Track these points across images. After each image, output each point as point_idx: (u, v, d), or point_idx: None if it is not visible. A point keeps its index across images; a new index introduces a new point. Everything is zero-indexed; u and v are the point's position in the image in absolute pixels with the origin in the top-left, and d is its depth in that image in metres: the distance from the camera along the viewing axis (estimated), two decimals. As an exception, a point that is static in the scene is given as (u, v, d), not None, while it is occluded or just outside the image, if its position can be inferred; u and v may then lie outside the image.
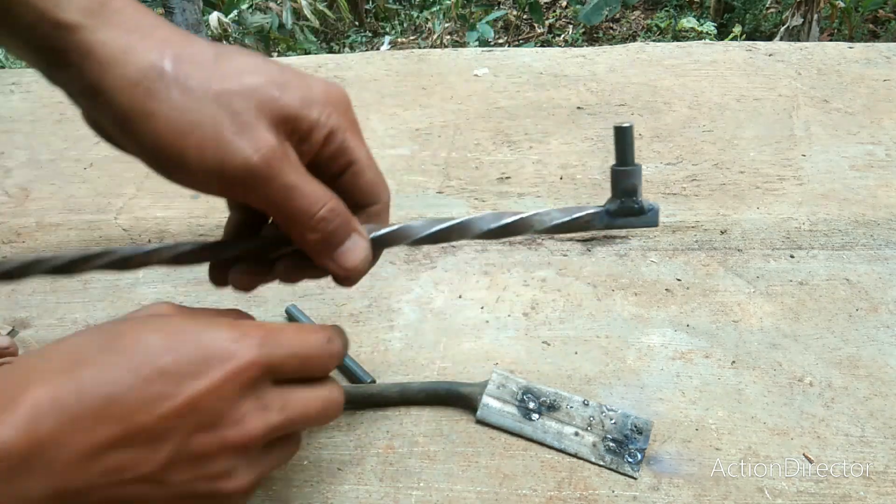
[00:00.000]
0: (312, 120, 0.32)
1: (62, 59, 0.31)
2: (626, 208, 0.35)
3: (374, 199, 0.36)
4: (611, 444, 0.42)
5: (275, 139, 0.31)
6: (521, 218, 0.35)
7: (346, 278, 0.35)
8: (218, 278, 0.38)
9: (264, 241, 0.36)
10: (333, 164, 0.34)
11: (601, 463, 0.41)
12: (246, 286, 0.37)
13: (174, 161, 0.31)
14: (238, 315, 0.35)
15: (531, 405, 0.43)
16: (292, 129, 0.32)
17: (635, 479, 0.40)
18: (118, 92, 0.30)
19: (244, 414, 0.30)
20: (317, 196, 0.33)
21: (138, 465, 0.28)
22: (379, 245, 0.36)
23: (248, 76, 0.31)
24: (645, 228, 0.34)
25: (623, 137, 0.34)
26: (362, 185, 0.35)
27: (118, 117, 0.31)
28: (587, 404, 0.44)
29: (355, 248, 0.34)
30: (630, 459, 0.41)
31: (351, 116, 0.34)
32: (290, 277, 0.37)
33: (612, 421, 0.43)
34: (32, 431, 0.26)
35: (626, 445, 0.42)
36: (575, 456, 0.41)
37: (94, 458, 0.27)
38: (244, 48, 0.34)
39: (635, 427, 0.42)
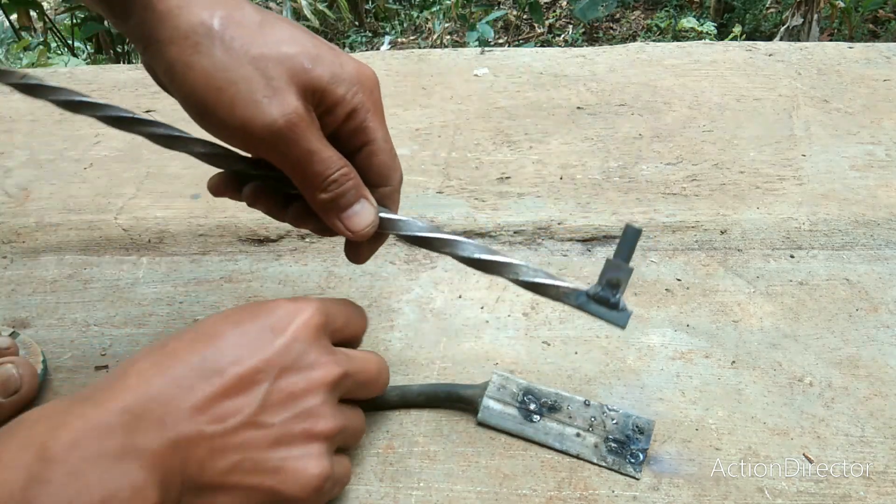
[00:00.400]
0: (339, 95, 0.35)
1: (127, 9, 0.34)
2: (603, 298, 0.36)
3: (385, 180, 0.39)
4: (612, 444, 0.42)
5: (301, 106, 0.34)
6: (509, 262, 0.37)
7: (352, 239, 0.38)
8: (230, 187, 0.40)
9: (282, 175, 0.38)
10: (352, 140, 0.37)
11: (603, 464, 0.41)
12: (253, 203, 0.40)
13: (208, 112, 0.34)
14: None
15: (532, 406, 0.43)
16: (319, 100, 0.35)
17: (637, 479, 0.40)
18: (169, 43, 0.33)
19: (318, 357, 0.35)
20: (332, 161, 0.36)
21: (239, 411, 0.32)
22: (382, 227, 0.38)
23: (287, 45, 0.34)
24: (612, 321, 0.35)
25: (630, 237, 0.34)
26: (376, 165, 0.38)
27: (166, 66, 0.34)
28: (588, 405, 0.43)
29: (363, 211, 0.37)
30: (632, 460, 0.41)
31: (376, 98, 0.37)
32: (298, 222, 0.40)
33: (614, 421, 0.43)
34: (143, 392, 0.30)
35: (627, 446, 0.41)
36: (577, 457, 0.41)
37: (199, 411, 0.31)
38: (289, 20, 0.36)
39: (637, 427, 0.42)
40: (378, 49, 3.17)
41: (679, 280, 0.52)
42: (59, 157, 0.67)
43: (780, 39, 2.52)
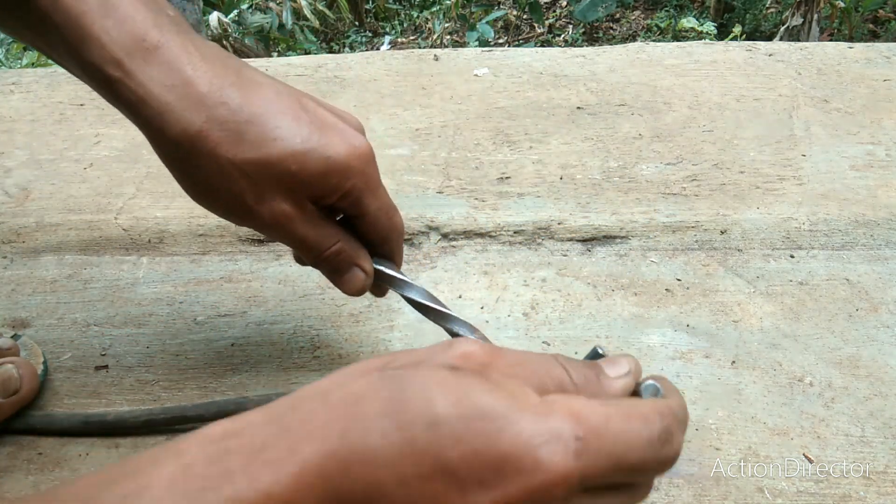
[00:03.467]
0: (329, 187, 0.36)
1: (115, 100, 0.35)
2: None
3: (383, 241, 0.41)
4: None
5: (288, 207, 0.36)
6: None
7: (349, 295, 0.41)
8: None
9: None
10: (348, 210, 0.39)
11: None
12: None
13: (209, 206, 0.37)
14: (563, 363, 0.28)
15: None
16: (309, 193, 0.37)
17: None
18: (159, 146, 0.36)
19: None
20: (321, 243, 0.38)
21: None
22: (379, 279, 0.42)
23: (272, 148, 0.35)
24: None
25: (592, 356, 0.32)
26: (372, 232, 0.40)
27: (162, 161, 0.36)
28: None
29: (353, 278, 0.40)
30: None
31: (368, 175, 0.38)
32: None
33: None
34: (295, 498, 0.23)
35: None
36: None
37: None
38: (276, 94, 0.36)
39: None
40: (378, 49, 3.17)
41: (679, 280, 0.52)
42: (59, 157, 0.67)
43: (780, 39, 2.53)
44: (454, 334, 0.39)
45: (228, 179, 0.35)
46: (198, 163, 0.35)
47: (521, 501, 0.22)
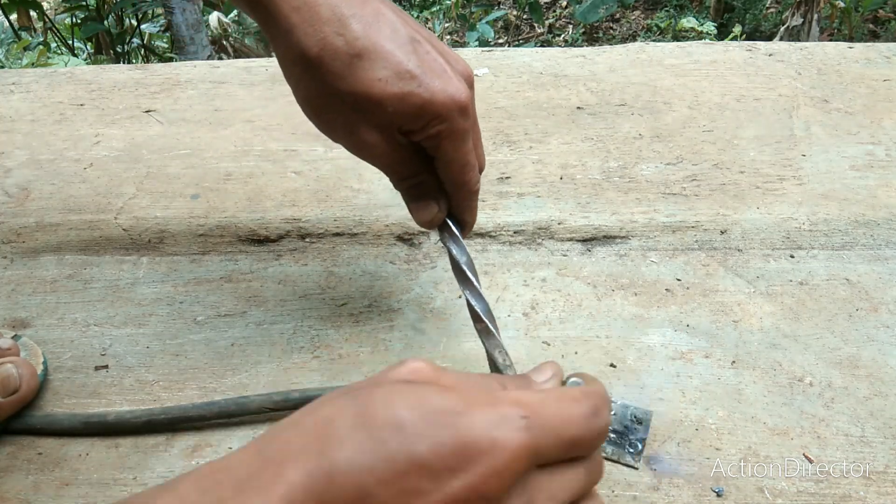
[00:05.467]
0: (416, 128, 0.39)
1: (255, 15, 0.40)
2: None
3: (454, 189, 0.43)
4: (611, 435, 0.42)
5: (378, 139, 0.40)
6: (492, 333, 0.41)
7: (419, 225, 0.44)
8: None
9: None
10: (430, 151, 0.41)
11: (602, 455, 0.41)
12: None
13: (312, 121, 0.41)
14: (497, 380, 0.31)
15: None
16: (399, 127, 0.39)
17: (637, 468, 0.40)
18: (282, 61, 0.40)
19: None
20: (405, 172, 0.42)
21: None
22: (455, 271, 0.43)
23: (374, 86, 0.38)
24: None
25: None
26: (445, 178, 0.42)
27: (283, 74, 0.40)
28: None
29: (427, 209, 0.43)
30: (631, 450, 0.41)
31: (455, 125, 0.40)
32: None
33: (612, 412, 0.43)
34: None
35: (626, 436, 0.42)
36: None
37: None
38: (393, 31, 0.39)
39: (635, 418, 0.43)
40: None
41: (679, 280, 0.52)
42: (59, 157, 0.67)
43: (780, 39, 2.52)
44: (488, 352, 0.41)
45: (332, 103, 0.39)
46: (309, 84, 0.39)
47: (491, 480, 0.25)
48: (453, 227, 0.44)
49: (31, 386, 0.45)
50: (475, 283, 0.42)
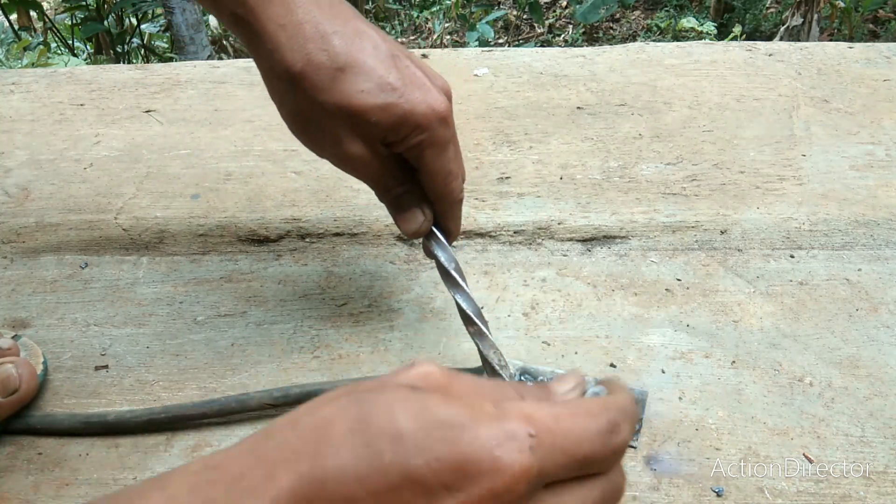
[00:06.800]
0: (399, 138, 0.41)
1: (238, 34, 0.41)
2: None
3: (436, 199, 0.44)
4: None
5: (363, 150, 0.41)
6: (485, 335, 0.42)
7: (404, 235, 0.46)
8: None
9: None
10: (413, 162, 0.42)
11: None
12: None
13: (297, 137, 0.42)
14: (515, 388, 0.29)
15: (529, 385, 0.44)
16: (382, 138, 0.41)
17: (635, 448, 0.41)
18: (266, 78, 0.41)
19: None
20: (389, 183, 0.43)
21: None
22: (441, 273, 0.44)
23: (357, 98, 0.39)
24: None
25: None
26: (429, 188, 0.43)
27: (268, 91, 0.42)
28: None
29: (413, 218, 0.44)
30: None
31: (436, 135, 0.41)
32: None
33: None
34: None
35: None
36: None
37: None
38: (373, 48, 0.40)
39: None
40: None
41: (679, 280, 0.52)
42: (59, 157, 0.67)
43: (780, 39, 2.53)
44: (480, 352, 0.41)
45: (317, 117, 0.40)
46: (294, 99, 0.40)
47: (486, 502, 0.23)
48: (439, 235, 0.45)
49: (30, 386, 0.45)
50: (464, 286, 0.43)
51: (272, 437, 0.25)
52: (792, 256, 0.53)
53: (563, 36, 3.18)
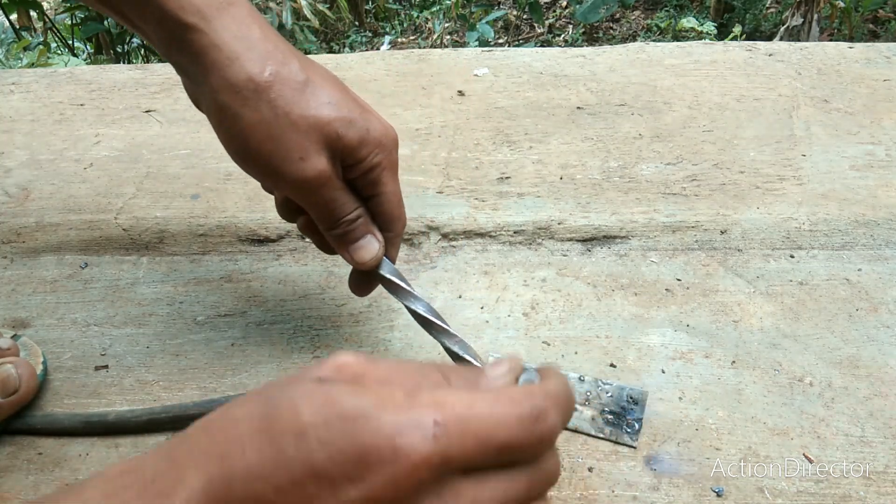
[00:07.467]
0: (361, 157, 0.40)
1: (179, 48, 0.39)
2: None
3: (388, 226, 0.44)
4: (609, 416, 0.43)
5: (328, 167, 0.39)
6: (447, 330, 0.42)
7: (359, 269, 0.43)
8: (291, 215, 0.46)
9: None
10: (366, 188, 0.42)
11: (601, 435, 0.42)
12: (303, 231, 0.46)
13: (249, 157, 0.39)
14: (442, 372, 0.29)
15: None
16: (344, 158, 0.40)
17: (635, 447, 0.41)
18: (220, 91, 0.38)
19: None
20: (346, 206, 0.41)
21: None
22: (386, 286, 0.44)
23: (324, 109, 0.39)
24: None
25: None
26: (382, 212, 0.43)
27: (215, 109, 0.39)
28: (583, 380, 0.45)
29: (368, 245, 0.43)
30: (628, 430, 0.42)
31: (392, 157, 0.42)
32: (324, 249, 0.47)
33: (609, 394, 0.44)
34: None
35: (623, 416, 0.43)
36: (575, 431, 0.42)
37: None
38: (328, 75, 0.41)
39: (631, 398, 0.44)
40: (378, 49, 3.17)
41: (679, 280, 0.52)
42: (59, 157, 0.67)
43: (780, 39, 2.52)
44: (448, 349, 0.41)
45: (280, 131, 0.38)
46: (258, 109, 0.38)
47: (388, 490, 0.24)
48: (394, 278, 0.44)
49: (30, 386, 0.45)
50: (413, 290, 0.43)
51: (186, 441, 0.26)
52: (792, 256, 0.53)
53: (563, 36, 3.18)
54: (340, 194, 0.41)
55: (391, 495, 0.24)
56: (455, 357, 0.41)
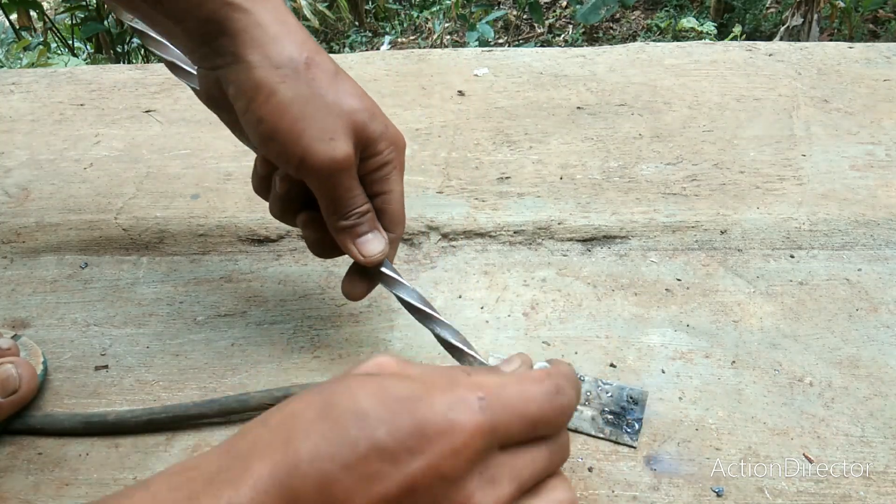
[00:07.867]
0: (379, 150, 0.42)
1: (218, 29, 0.39)
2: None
3: (390, 227, 0.44)
4: (609, 416, 0.43)
5: (352, 152, 0.40)
6: (439, 319, 0.42)
7: (363, 264, 0.43)
8: (288, 213, 0.46)
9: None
10: (375, 185, 0.43)
11: (601, 435, 0.42)
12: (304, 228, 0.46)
13: (277, 136, 0.39)
14: (463, 369, 0.31)
15: None
16: (364, 148, 0.42)
17: (635, 447, 0.41)
18: (260, 67, 0.39)
19: (471, 493, 0.27)
20: (359, 198, 0.42)
21: None
22: (379, 278, 0.44)
23: (353, 99, 0.41)
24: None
25: None
26: (386, 212, 0.44)
27: (251, 84, 0.39)
28: (583, 380, 0.45)
29: (375, 240, 0.43)
30: (628, 430, 0.42)
31: (402, 159, 0.44)
32: (319, 250, 0.46)
33: (609, 394, 0.44)
34: None
35: (623, 416, 0.43)
36: (575, 431, 0.42)
37: None
38: (350, 76, 0.43)
39: (631, 398, 0.44)
40: (378, 49, 3.17)
41: (679, 280, 0.52)
42: (59, 157, 0.67)
43: (780, 39, 2.52)
44: (439, 337, 0.41)
45: (315, 111, 0.39)
46: (293, 87, 0.39)
47: (448, 460, 0.26)
48: (386, 270, 0.44)
49: (30, 386, 0.45)
50: (403, 280, 0.43)
51: (245, 436, 0.27)
52: (792, 256, 0.53)
53: (563, 36, 3.18)
54: (357, 184, 0.42)
55: (452, 464, 0.26)
56: (447, 346, 0.41)
